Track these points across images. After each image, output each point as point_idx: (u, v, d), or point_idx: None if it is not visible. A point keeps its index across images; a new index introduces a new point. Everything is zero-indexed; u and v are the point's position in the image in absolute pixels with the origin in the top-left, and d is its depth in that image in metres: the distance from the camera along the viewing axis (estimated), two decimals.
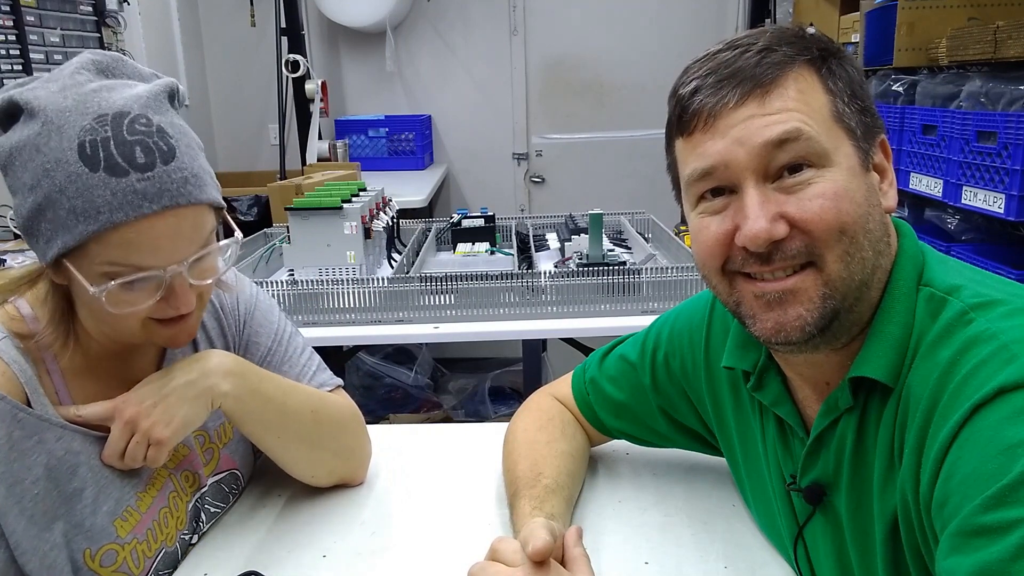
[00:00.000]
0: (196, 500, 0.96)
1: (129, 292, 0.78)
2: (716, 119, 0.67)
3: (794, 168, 0.66)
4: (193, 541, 0.96)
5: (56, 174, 0.72)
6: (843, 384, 0.70)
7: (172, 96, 0.81)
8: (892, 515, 0.66)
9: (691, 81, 0.69)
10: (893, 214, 0.73)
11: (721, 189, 0.69)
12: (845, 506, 0.73)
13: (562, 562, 0.79)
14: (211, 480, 0.99)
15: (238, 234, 0.87)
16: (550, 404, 1.08)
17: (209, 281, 0.84)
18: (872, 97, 0.72)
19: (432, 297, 1.76)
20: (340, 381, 1.11)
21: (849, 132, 0.68)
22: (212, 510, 0.99)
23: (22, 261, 2.09)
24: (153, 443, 0.85)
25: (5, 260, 2.12)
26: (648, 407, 0.98)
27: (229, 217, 0.88)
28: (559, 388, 1.10)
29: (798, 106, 0.66)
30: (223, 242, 0.85)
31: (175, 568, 0.92)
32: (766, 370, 0.80)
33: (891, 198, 0.71)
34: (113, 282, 0.76)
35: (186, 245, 0.79)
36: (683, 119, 0.70)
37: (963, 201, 1.75)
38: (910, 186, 2.00)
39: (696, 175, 0.69)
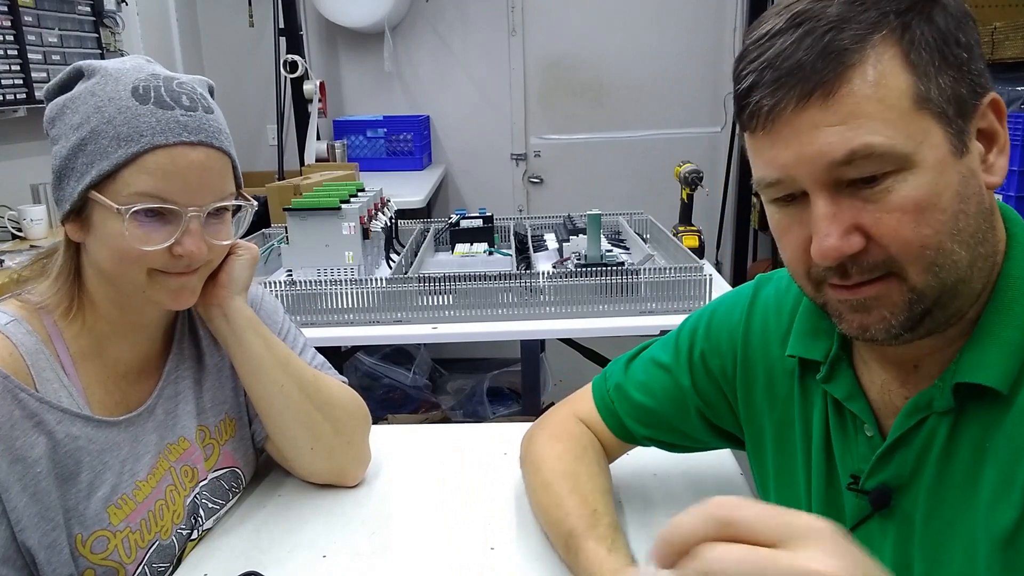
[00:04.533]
0: (195, 496, 0.97)
1: (148, 226, 0.82)
2: (775, 123, 0.61)
3: (870, 178, 0.59)
4: (193, 537, 0.96)
5: (107, 108, 0.80)
6: (942, 385, 0.65)
7: (211, 90, 0.92)
8: (1007, 532, 0.61)
9: (747, 75, 0.62)
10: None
11: (793, 195, 0.64)
12: (922, 512, 0.67)
13: None
14: (211, 475, 1.00)
15: (253, 201, 0.92)
16: (580, 431, 0.99)
17: (220, 243, 0.88)
18: (976, 45, 0.61)
19: (430, 297, 1.76)
20: (345, 379, 1.11)
21: (938, 116, 0.59)
22: (211, 506, 0.99)
23: (20, 261, 2.09)
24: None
25: (4, 260, 2.12)
26: (684, 410, 0.93)
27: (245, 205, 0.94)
28: (580, 406, 1.02)
29: (870, 105, 0.58)
30: (239, 202, 0.90)
31: (171, 562, 0.92)
32: (838, 361, 0.75)
33: (998, 170, 0.63)
34: (138, 205, 0.80)
35: (209, 190, 0.84)
36: (742, 117, 0.64)
37: None
38: None
39: (763, 184, 0.65)
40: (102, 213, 0.81)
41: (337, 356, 2.31)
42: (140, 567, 0.88)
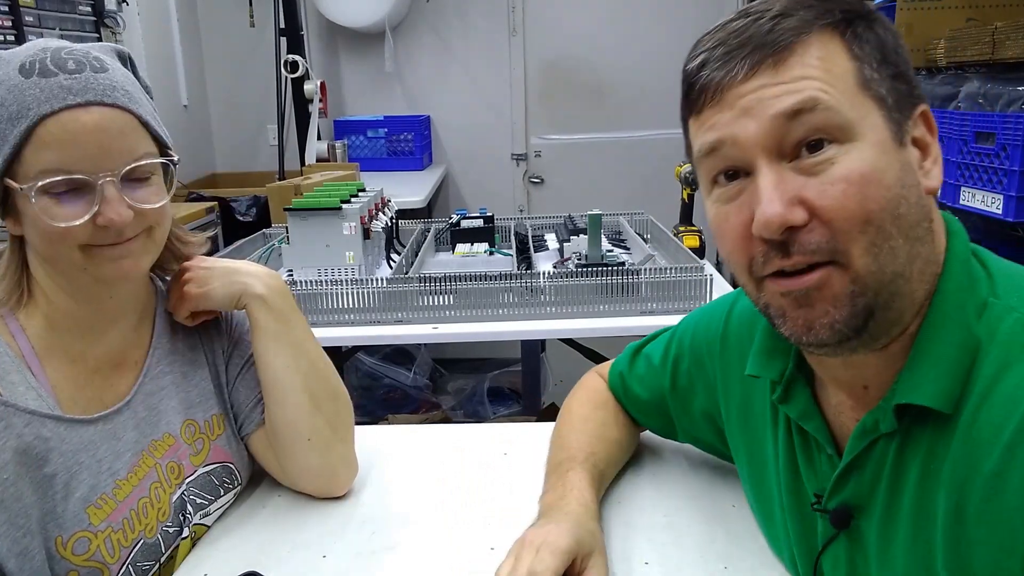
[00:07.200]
0: (181, 492, 0.95)
1: (64, 202, 0.78)
2: (724, 92, 0.61)
3: (814, 145, 0.59)
4: (184, 535, 0.95)
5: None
6: (885, 407, 0.64)
7: (121, 56, 0.87)
8: (962, 562, 0.58)
9: (699, 55, 0.64)
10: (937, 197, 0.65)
11: (735, 172, 0.63)
12: (875, 534, 0.67)
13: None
14: (200, 471, 0.98)
15: (174, 156, 0.88)
16: (604, 389, 1.09)
17: (149, 206, 0.83)
18: (910, 63, 0.63)
19: (431, 298, 1.76)
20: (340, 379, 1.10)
21: (878, 101, 0.60)
22: (199, 502, 0.97)
23: None
24: (182, 294, 0.97)
25: None
26: (673, 407, 0.99)
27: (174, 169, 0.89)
28: (606, 373, 1.11)
29: (817, 73, 0.59)
30: (158, 160, 0.84)
31: (156, 560, 0.91)
32: (793, 380, 0.74)
33: (934, 177, 0.63)
34: (46, 181, 0.77)
35: (116, 153, 0.80)
36: (690, 96, 0.65)
37: (961, 202, 1.75)
38: None
39: (703, 150, 0.64)
40: (20, 200, 0.79)
41: (337, 356, 2.31)
42: (124, 566, 0.86)
